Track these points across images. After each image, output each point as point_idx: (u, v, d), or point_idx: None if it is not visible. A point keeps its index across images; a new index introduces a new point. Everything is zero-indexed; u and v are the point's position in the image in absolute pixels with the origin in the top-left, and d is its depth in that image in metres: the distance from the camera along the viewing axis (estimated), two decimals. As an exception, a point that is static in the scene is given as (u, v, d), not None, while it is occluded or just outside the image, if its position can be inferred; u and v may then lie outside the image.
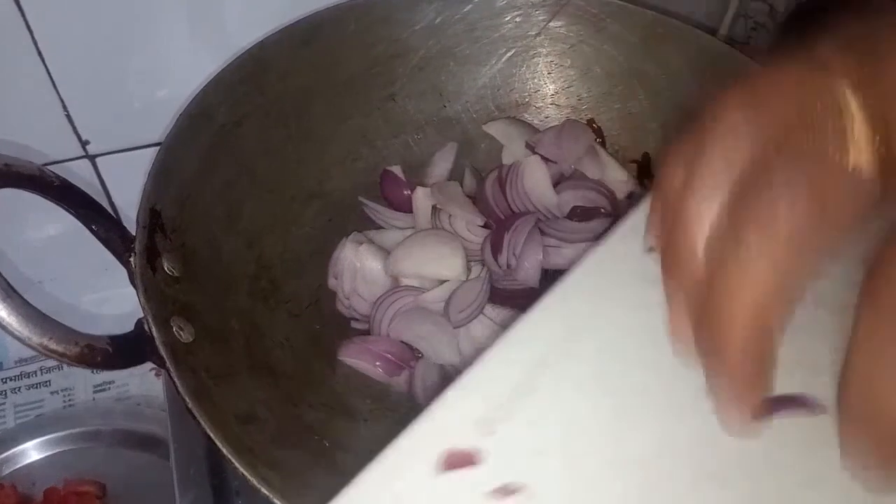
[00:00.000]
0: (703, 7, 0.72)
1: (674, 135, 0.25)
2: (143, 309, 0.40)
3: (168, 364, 0.38)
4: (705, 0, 0.69)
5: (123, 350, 0.38)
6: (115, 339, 0.38)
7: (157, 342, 0.39)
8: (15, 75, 0.58)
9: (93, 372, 0.77)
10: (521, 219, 0.55)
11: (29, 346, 0.33)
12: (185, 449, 0.56)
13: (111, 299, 0.76)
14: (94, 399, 0.74)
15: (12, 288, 0.34)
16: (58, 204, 0.42)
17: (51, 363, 0.78)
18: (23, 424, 0.72)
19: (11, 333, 0.33)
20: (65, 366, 0.78)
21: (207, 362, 0.42)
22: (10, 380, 0.75)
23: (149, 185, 0.45)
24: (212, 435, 0.36)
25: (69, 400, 0.74)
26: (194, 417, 0.37)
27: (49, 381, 0.75)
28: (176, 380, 0.37)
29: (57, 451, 0.69)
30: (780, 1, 0.68)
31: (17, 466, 0.68)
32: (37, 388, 0.75)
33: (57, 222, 0.67)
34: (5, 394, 0.74)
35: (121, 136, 0.64)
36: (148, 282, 0.41)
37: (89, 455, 0.68)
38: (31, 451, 0.69)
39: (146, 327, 0.40)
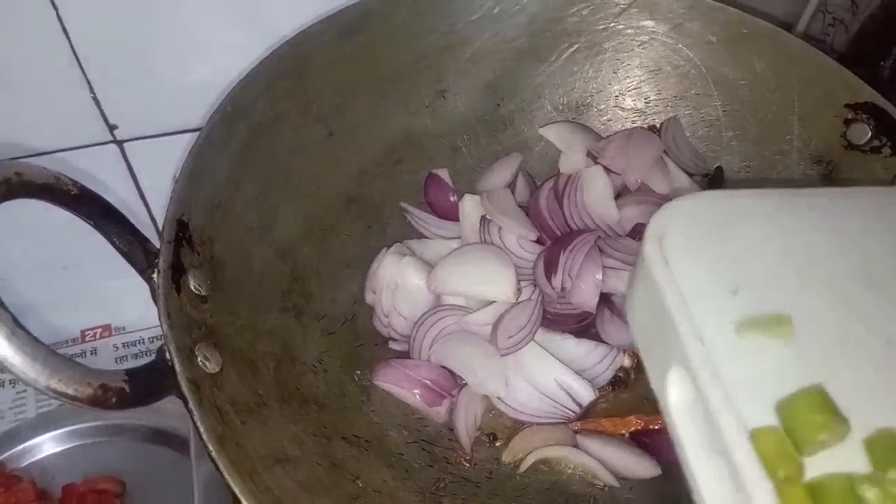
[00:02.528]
0: (782, 1, 0.66)
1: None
2: (166, 338, 0.36)
3: (190, 404, 0.34)
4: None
5: (142, 386, 0.34)
6: (133, 374, 0.34)
7: (180, 378, 0.35)
8: (37, 53, 0.54)
9: (116, 362, 0.75)
10: (581, 237, 0.50)
11: (35, 388, 0.30)
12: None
13: (141, 283, 0.73)
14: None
15: (18, 323, 0.30)
16: (75, 214, 0.39)
17: (74, 349, 0.76)
18: (44, 415, 0.70)
19: (16, 374, 0.29)
20: (89, 353, 0.76)
21: (234, 394, 0.38)
22: (32, 367, 0.73)
23: (176, 193, 0.41)
24: (236, 490, 0.32)
25: (92, 390, 0.72)
26: (217, 468, 0.33)
27: (72, 368, 0.73)
28: (199, 423, 0.34)
29: (77, 443, 0.67)
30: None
31: (37, 458, 0.66)
32: (59, 376, 0.72)
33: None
34: (26, 381, 0.72)
35: (151, 121, 0.61)
36: (172, 305, 0.37)
37: (110, 449, 0.66)
38: (51, 443, 0.67)
39: (168, 358, 0.36)
